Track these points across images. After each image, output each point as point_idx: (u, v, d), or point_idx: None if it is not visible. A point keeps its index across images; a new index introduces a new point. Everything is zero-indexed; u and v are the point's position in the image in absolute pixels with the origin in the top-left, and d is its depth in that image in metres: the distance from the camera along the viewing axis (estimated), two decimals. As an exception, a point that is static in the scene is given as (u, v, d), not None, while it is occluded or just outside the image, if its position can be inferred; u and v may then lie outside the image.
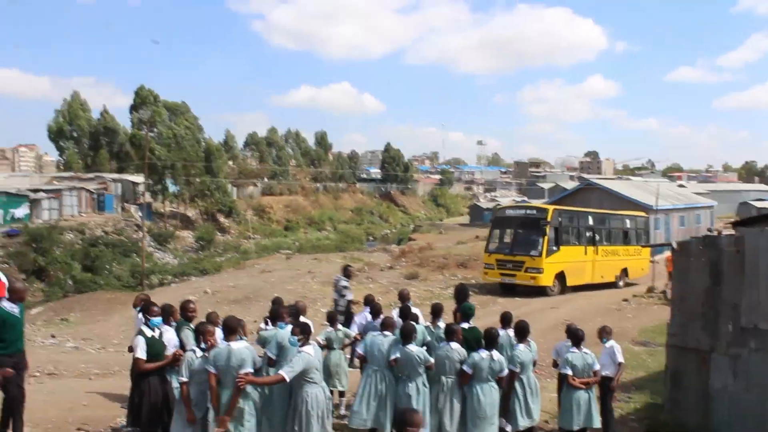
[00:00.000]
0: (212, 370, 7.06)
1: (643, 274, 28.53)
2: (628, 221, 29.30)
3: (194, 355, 7.36)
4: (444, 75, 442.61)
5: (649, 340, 16.29)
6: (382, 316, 9.82)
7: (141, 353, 7.78)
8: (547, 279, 23.59)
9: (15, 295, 8.00)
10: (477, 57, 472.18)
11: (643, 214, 31.12)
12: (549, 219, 23.65)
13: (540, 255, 23.27)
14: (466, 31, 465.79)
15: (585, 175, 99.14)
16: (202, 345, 7.43)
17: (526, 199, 77.71)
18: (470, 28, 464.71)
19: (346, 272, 15.54)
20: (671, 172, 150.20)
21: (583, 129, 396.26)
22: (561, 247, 24.12)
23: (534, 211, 25.33)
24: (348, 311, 14.53)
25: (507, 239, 25.27)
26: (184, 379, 7.28)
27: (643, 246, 27.95)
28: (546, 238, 23.32)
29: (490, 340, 8.17)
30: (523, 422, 8.59)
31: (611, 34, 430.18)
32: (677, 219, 40.17)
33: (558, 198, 43.69)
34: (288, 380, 7.07)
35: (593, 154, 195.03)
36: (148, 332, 7.90)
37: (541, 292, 23.65)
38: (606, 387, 9.25)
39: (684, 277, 10.15)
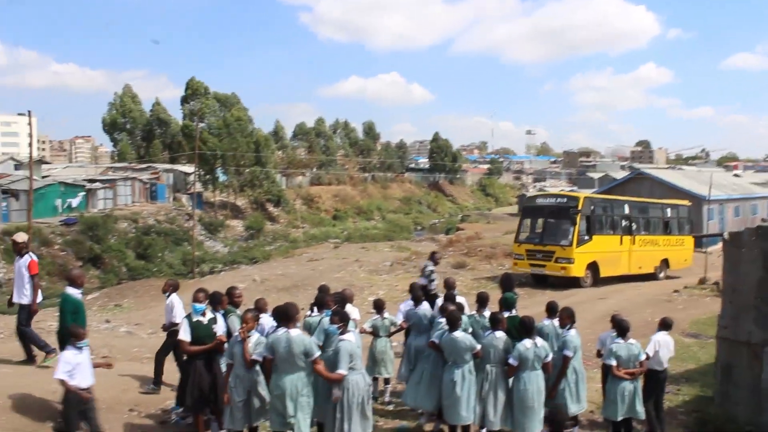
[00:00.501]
0: (268, 354, 7.25)
1: (686, 265, 27.67)
2: (668, 210, 28.08)
3: (235, 339, 7.56)
4: (493, 64, 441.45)
5: (700, 332, 15.95)
6: (424, 304, 9.90)
7: (184, 335, 8.03)
8: (578, 269, 22.73)
9: (78, 281, 8.34)
10: (526, 46, 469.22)
11: (685, 202, 29.99)
12: (580, 207, 22.73)
13: (570, 244, 22.45)
14: (515, 19, 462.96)
15: (636, 165, 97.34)
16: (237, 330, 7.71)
17: (575, 188, 76.64)
18: (519, 16, 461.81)
19: (433, 258, 15.69)
20: (727, 162, 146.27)
21: (635, 118, 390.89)
22: (593, 237, 23.24)
23: (564, 199, 24.29)
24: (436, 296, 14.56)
25: (537, 229, 24.53)
26: (230, 361, 7.55)
27: (694, 236, 27.16)
28: (577, 226, 22.50)
29: (526, 328, 8.14)
30: (573, 408, 8.56)
31: (664, 21, 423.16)
32: (732, 209, 39.24)
33: (607, 187, 43.05)
34: (346, 374, 7.25)
35: (645, 144, 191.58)
36: (195, 316, 8.11)
37: (572, 283, 22.89)
38: (653, 379, 9.15)
39: (735, 269, 9.93)
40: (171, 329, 10.05)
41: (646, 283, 24.67)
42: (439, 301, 10.53)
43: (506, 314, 9.00)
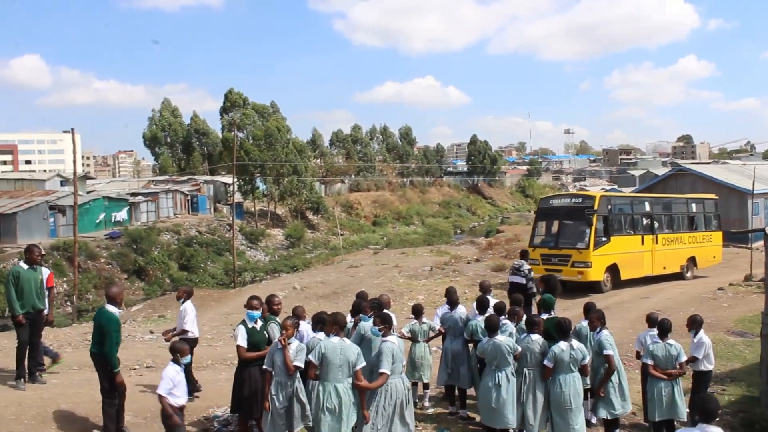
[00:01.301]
0: (314, 360, 7.32)
1: (715, 262, 26.74)
2: (694, 205, 26.73)
3: (275, 347, 7.66)
4: (528, 63, 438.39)
5: (746, 330, 15.64)
6: (460, 307, 9.92)
7: (241, 341, 8.14)
8: (596, 273, 21.51)
9: (118, 299, 8.54)
10: (562, 43, 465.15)
11: (712, 196, 28.67)
12: (596, 207, 21.48)
13: (587, 247, 21.21)
14: (550, 17, 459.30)
15: (678, 161, 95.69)
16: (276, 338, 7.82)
17: (616, 187, 75.66)
18: (554, 13, 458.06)
19: (525, 255, 15.70)
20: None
21: (676, 113, 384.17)
22: (612, 238, 22.05)
23: (579, 200, 22.97)
24: (534, 296, 14.47)
25: (552, 231, 23.40)
26: (269, 369, 7.62)
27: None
28: (593, 228, 21.25)
29: (562, 331, 8.08)
30: (618, 407, 8.51)
31: (704, 12, 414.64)
32: (779, 203, 38.27)
33: (648, 185, 42.44)
34: (389, 373, 7.31)
35: (686, 139, 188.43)
36: (250, 323, 8.25)
37: (590, 288, 21.60)
38: (704, 379, 9.02)
39: (779, 264, 9.73)
40: (182, 336, 10.21)
41: (690, 281, 24.24)
42: (439, 311, 10.44)
43: (545, 316, 9.03)
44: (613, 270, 22.36)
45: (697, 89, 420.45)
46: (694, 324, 9.18)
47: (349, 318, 9.40)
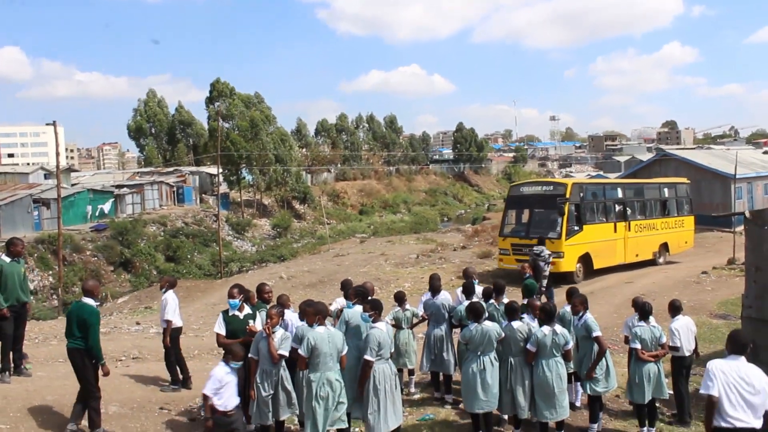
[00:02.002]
0: (304, 353, 7.34)
1: (687, 247, 26.55)
2: (666, 190, 26.29)
3: (260, 336, 7.68)
4: (514, 51, 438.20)
5: (728, 312, 15.84)
6: (442, 293, 9.99)
7: (218, 328, 8.29)
8: (568, 264, 20.89)
9: (95, 292, 8.53)
10: (547, 31, 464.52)
11: (684, 180, 28.31)
12: (568, 195, 20.91)
13: (559, 237, 20.57)
14: (534, 4, 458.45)
15: (662, 146, 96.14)
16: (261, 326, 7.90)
17: (601, 173, 75.98)
18: (538, 1, 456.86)
19: (543, 241, 15.89)
20: (756, 139, 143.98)
21: (661, 99, 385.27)
22: (584, 226, 21.53)
23: (551, 187, 22.27)
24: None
25: (523, 220, 22.82)
26: (255, 357, 7.65)
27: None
28: (565, 217, 20.66)
29: (547, 315, 8.14)
30: (600, 386, 8.59)
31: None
32: (761, 187, 38.61)
33: (632, 170, 42.64)
34: (373, 360, 7.40)
35: (671, 124, 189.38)
36: (231, 311, 8.35)
37: (562, 279, 20.40)
38: (678, 364, 9.13)
39: (758, 247, 9.79)
40: (165, 327, 10.20)
41: (673, 265, 24.41)
42: (423, 297, 10.50)
43: (525, 301, 9.10)
44: (585, 259, 21.88)
45: (682, 75, 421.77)
46: (673, 309, 9.27)
47: (340, 302, 9.43)
